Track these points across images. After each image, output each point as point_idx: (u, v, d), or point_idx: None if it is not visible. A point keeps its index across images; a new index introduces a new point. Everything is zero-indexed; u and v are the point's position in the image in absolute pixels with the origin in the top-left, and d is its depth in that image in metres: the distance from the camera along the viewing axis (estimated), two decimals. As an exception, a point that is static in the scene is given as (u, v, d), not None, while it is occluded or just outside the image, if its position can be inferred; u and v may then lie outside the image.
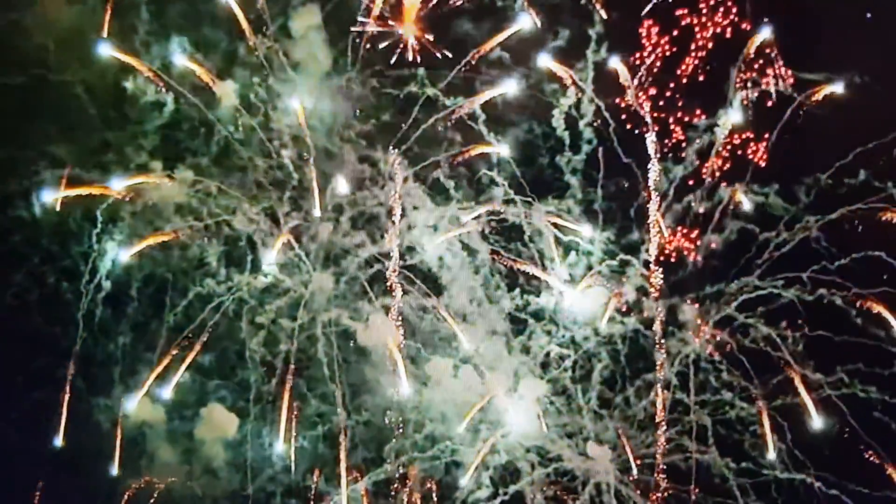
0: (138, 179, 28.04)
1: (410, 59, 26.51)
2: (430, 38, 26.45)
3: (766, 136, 27.09)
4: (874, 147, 25.93)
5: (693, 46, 26.73)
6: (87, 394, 29.58)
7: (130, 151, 28.46)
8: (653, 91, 27.23)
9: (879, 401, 26.44)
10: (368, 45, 26.27)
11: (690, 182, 27.87)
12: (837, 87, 26.29)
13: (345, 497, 29.07)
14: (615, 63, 26.69)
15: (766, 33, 25.82)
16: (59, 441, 28.47)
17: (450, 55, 26.92)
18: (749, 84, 26.58)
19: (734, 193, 27.04)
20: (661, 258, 28.01)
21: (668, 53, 26.88)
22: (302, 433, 30.12)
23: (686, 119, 27.41)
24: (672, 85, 27.36)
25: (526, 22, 25.97)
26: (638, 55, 27.00)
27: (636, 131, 27.37)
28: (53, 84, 27.22)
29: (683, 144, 27.60)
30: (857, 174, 26.29)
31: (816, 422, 27.00)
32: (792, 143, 26.62)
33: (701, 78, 27.14)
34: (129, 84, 27.13)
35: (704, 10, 26.56)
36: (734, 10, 26.58)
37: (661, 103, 27.34)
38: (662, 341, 27.99)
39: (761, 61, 26.42)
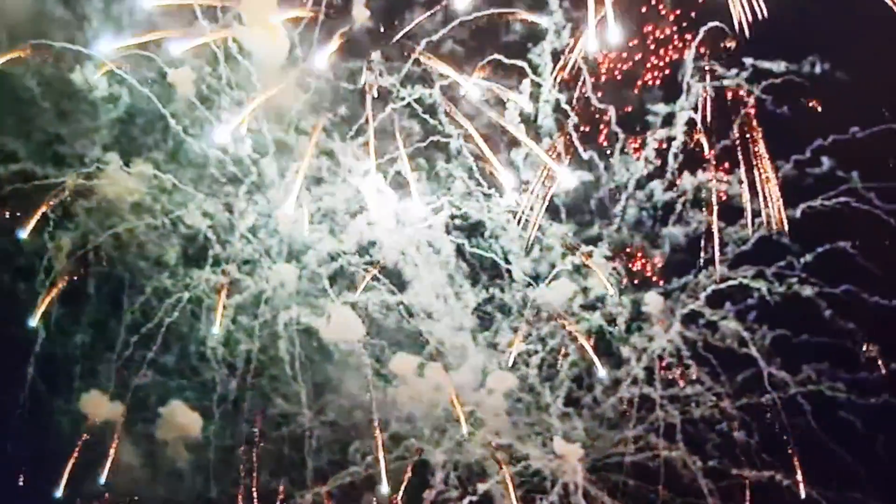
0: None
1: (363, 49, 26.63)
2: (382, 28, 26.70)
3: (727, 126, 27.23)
4: (834, 141, 25.99)
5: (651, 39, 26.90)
6: (46, 395, 29.78)
7: (85, 146, 28.45)
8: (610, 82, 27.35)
9: (846, 400, 26.61)
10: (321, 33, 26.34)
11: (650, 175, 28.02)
12: (798, 77, 26.37)
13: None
14: (574, 54, 26.80)
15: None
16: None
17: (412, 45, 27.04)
18: (706, 74, 26.75)
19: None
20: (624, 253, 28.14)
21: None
22: (267, 433, 30.28)
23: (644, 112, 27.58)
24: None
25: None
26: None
27: (598, 122, 27.46)
28: (4, 75, 27.22)
29: (642, 139, 27.73)
30: (820, 164, 26.39)
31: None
32: (753, 133, 26.67)
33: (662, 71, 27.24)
34: (78, 76, 27.05)
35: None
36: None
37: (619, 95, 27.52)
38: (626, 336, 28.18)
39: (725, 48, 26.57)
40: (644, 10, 26.56)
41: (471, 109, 27.26)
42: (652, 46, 26.89)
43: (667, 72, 27.12)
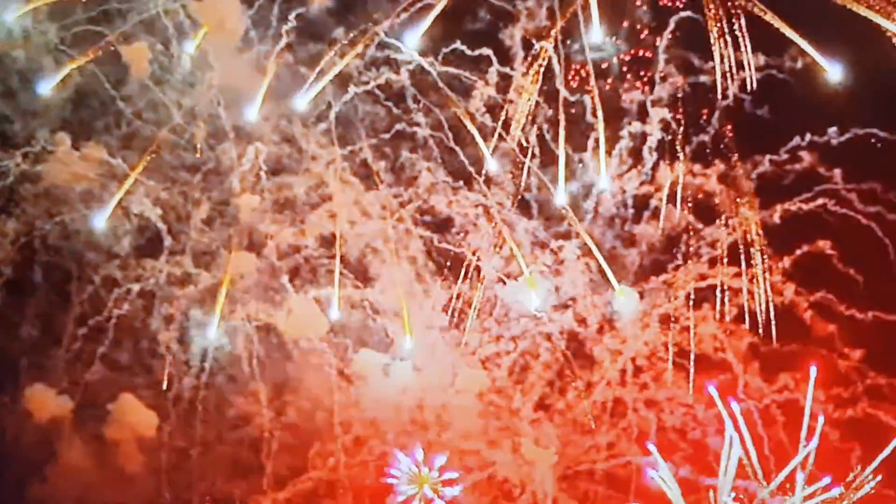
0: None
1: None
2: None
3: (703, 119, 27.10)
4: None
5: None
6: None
7: (34, 126, 27.91)
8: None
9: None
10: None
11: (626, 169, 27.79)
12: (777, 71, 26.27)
13: (268, 505, 28.88)
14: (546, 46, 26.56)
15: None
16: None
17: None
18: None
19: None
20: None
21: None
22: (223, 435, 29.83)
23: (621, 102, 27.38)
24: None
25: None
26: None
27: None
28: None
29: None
30: (800, 160, 26.32)
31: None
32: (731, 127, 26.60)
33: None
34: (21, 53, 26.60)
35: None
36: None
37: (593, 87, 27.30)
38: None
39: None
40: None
41: (438, 97, 26.77)
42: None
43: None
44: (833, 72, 25.90)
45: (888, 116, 25.92)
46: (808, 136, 26.58)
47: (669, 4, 26.31)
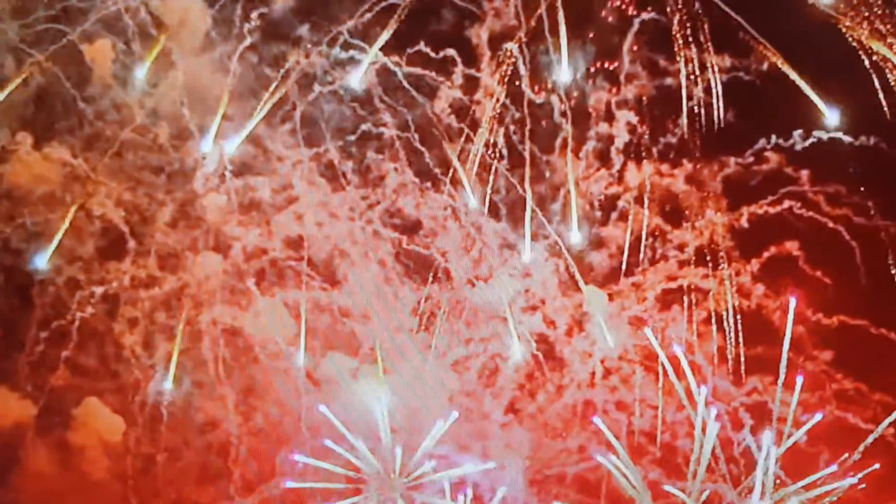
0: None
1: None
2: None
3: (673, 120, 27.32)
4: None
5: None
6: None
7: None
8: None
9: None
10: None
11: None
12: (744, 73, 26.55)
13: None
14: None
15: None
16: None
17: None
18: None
19: None
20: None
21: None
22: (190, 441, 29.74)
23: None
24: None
25: None
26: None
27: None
28: None
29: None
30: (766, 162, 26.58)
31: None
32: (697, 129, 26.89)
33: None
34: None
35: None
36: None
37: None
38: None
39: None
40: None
41: (405, 97, 26.82)
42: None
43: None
44: (831, 117, 26.22)
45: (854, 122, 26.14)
46: (773, 139, 26.74)
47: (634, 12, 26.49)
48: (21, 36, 27.43)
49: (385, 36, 25.84)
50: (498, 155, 27.48)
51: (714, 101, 26.44)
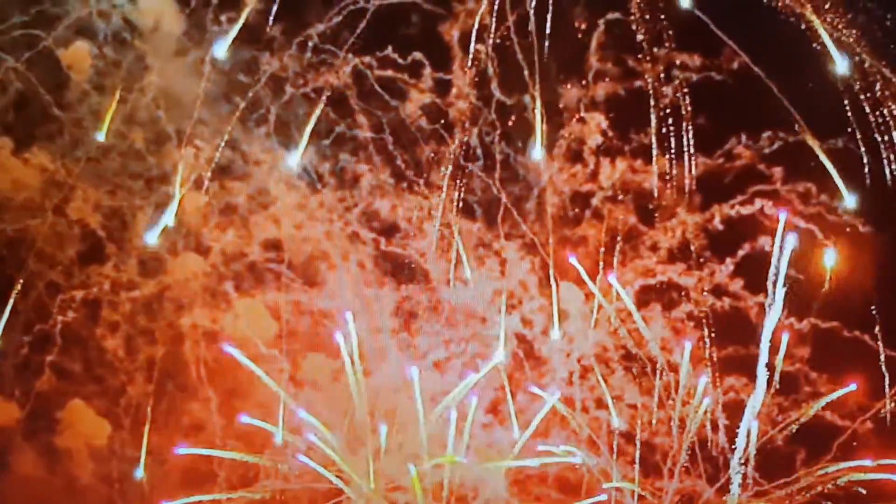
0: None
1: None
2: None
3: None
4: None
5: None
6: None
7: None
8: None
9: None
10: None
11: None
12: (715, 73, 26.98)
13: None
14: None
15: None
16: None
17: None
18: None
19: None
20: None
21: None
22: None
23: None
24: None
25: None
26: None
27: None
28: None
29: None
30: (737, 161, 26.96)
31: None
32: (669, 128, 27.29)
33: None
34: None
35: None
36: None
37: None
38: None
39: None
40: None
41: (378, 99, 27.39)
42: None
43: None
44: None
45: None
46: (743, 138, 27.18)
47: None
48: (-2, 43, 27.89)
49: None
50: (472, 156, 28.04)
51: (682, 100, 26.88)
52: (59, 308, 29.18)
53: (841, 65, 25.69)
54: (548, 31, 26.53)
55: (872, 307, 26.96)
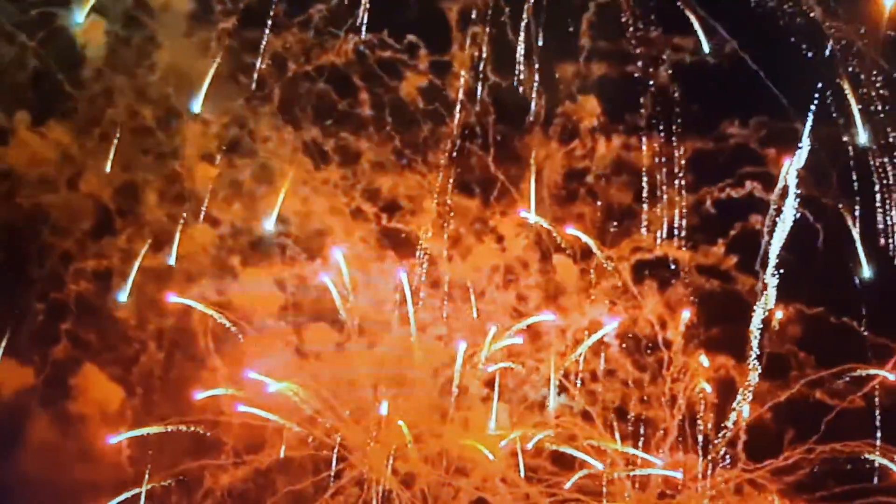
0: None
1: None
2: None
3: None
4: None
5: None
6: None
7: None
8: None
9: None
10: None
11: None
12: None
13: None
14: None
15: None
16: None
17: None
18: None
19: None
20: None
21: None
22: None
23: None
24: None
25: None
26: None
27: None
28: None
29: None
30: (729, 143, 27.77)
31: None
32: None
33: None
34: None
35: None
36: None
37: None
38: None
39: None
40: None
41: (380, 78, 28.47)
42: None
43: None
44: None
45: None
46: (736, 122, 28.02)
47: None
48: (16, 22, 29.16)
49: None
50: (469, 135, 29.18)
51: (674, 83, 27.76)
52: (73, 278, 30.62)
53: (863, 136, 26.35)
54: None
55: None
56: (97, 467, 30.90)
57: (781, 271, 28.13)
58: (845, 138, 27.30)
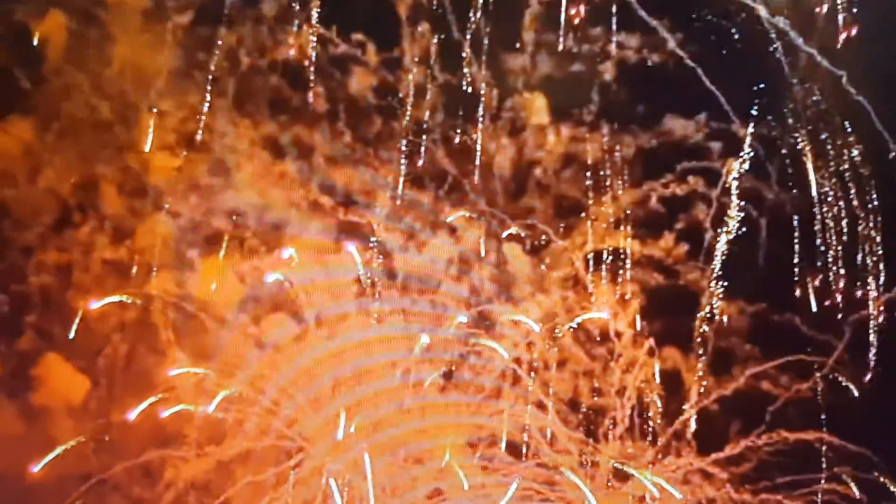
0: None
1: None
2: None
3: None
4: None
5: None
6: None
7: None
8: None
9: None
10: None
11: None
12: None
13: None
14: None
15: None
16: None
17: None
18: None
19: None
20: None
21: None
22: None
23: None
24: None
25: None
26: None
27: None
28: None
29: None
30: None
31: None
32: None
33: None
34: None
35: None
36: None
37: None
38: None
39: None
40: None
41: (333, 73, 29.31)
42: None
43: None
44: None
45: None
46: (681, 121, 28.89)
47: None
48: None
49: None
50: (420, 130, 30.03)
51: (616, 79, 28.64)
52: (34, 271, 31.33)
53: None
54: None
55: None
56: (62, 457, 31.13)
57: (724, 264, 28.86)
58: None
